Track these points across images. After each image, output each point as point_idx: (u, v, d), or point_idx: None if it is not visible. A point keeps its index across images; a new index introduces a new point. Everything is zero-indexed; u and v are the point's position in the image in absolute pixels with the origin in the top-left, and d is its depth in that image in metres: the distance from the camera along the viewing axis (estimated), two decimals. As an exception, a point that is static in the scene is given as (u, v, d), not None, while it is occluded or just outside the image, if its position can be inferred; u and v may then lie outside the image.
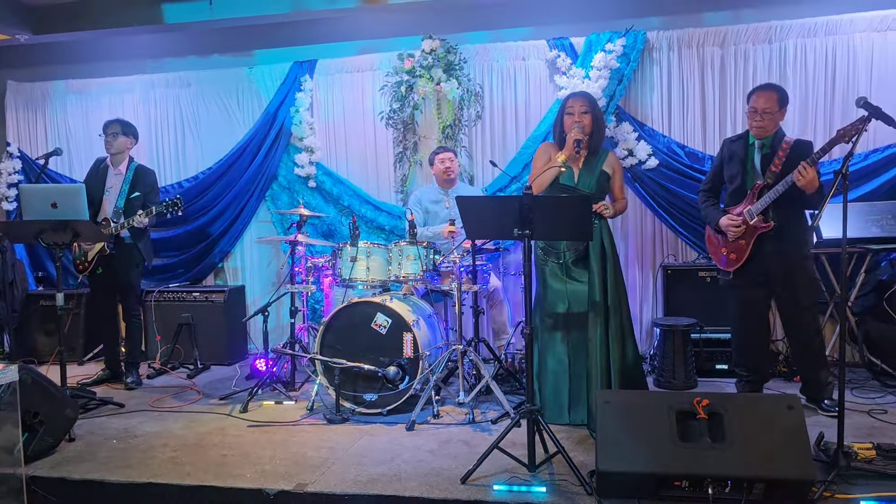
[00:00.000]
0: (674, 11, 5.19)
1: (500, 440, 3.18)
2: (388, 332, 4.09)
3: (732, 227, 3.90)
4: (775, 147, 3.88)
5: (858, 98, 3.35)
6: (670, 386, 4.51)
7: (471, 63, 5.36)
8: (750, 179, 3.94)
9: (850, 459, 3.02)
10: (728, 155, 4.05)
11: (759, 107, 3.86)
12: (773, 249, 3.86)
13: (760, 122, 3.86)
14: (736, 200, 3.99)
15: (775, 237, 3.84)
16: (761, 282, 3.95)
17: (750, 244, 3.89)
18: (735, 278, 3.98)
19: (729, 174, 4.04)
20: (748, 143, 3.99)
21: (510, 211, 3.03)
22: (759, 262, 3.89)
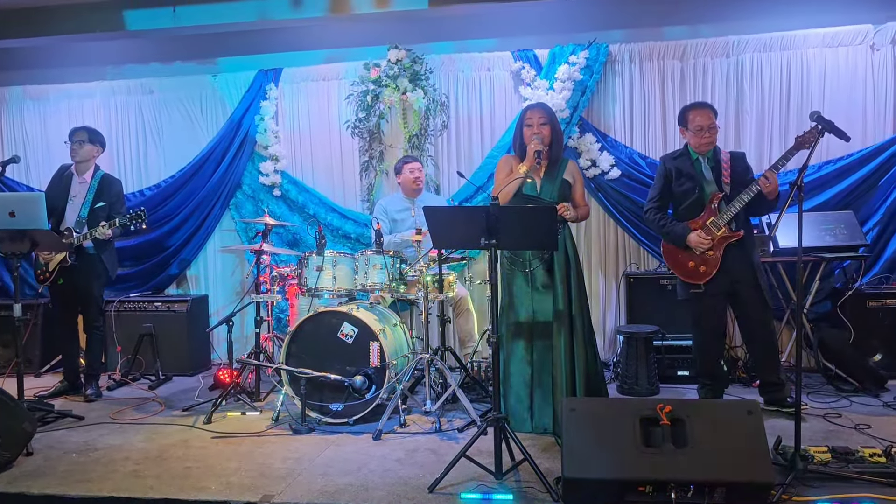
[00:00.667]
0: (635, 25, 5.31)
1: (467, 448, 3.20)
2: (355, 341, 4.09)
3: (703, 244, 3.99)
4: (717, 160, 4.05)
5: (812, 112, 3.47)
6: (634, 392, 4.58)
7: (437, 73, 5.39)
8: (707, 192, 4.04)
9: (806, 463, 3.10)
10: (675, 172, 4.12)
11: (706, 124, 3.99)
12: (737, 256, 3.97)
13: (710, 137, 4.00)
14: (692, 214, 4.07)
15: (737, 245, 3.96)
16: (726, 290, 4.04)
17: (720, 255, 3.97)
18: (706, 289, 4.03)
19: (681, 190, 4.10)
20: (692, 158, 4.09)
21: (477, 221, 3.06)
22: (725, 270, 3.98)
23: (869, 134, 5.09)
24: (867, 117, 5.09)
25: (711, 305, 4.07)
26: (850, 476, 3.06)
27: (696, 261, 4.04)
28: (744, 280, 3.99)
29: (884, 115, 5.07)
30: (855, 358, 4.60)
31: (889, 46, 5.01)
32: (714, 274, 3.99)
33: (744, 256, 4.00)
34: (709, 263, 4.00)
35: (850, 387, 4.51)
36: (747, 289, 4.01)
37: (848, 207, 5.00)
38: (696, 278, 4.05)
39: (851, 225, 4.83)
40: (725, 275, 3.99)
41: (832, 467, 3.12)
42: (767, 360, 4.10)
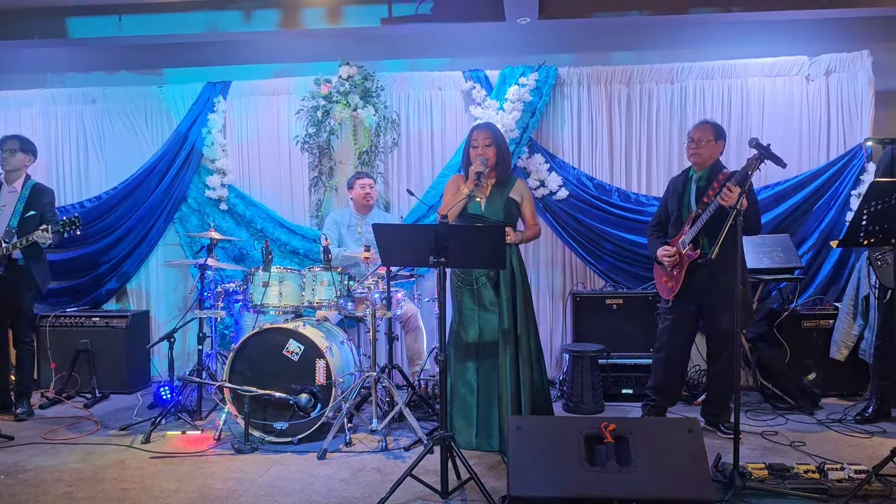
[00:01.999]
0: (584, 49, 5.42)
1: (412, 467, 3.18)
2: (301, 358, 4.04)
3: (666, 258, 4.08)
4: (711, 179, 4.03)
5: (751, 139, 3.58)
6: (579, 410, 4.63)
7: (388, 90, 5.40)
8: (685, 210, 4.12)
9: (745, 479, 3.17)
10: (671, 190, 4.23)
11: (695, 136, 4.08)
12: (704, 277, 3.98)
13: (696, 149, 4.06)
14: (676, 232, 4.16)
15: (706, 265, 3.92)
16: (694, 309, 4.10)
17: (682, 273, 4.04)
18: (673, 305, 4.11)
19: (670, 208, 4.21)
20: (688, 176, 4.18)
21: (426, 239, 3.07)
22: (692, 289, 4.04)
23: (804, 160, 5.29)
24: (802, 144, 5.29)
25: (676, 322, 4.13)
26: (786, 492, 3.15)
27: (666, 276, 4.14)
28: (709, 301, 4.02)
29: (818, 143, 5.28)
30: (790, 377, 4.74)
31: (823, 77, 5.23)
32: (679, 292, 4.06)
33: (713, 277, 3.96)
34: (674, 280, 4.08)
35: (786, 405, 4.64)
36: (712, 310, 4.03)
37: (785, 231, 5.17)
38: (666, 294, 4.16)
39: (787, 248, 4.99)
40: (692, 295, 4.05)
41: (769, 484, 3.20)
42: (719, 384, 4.15)
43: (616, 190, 5.35)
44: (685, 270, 4.01)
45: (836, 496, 3.09)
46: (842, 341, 4.79)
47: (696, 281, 4.00)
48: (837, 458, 3.63)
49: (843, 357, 4.80)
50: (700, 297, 4.03)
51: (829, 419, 4.39)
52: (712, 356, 4.19)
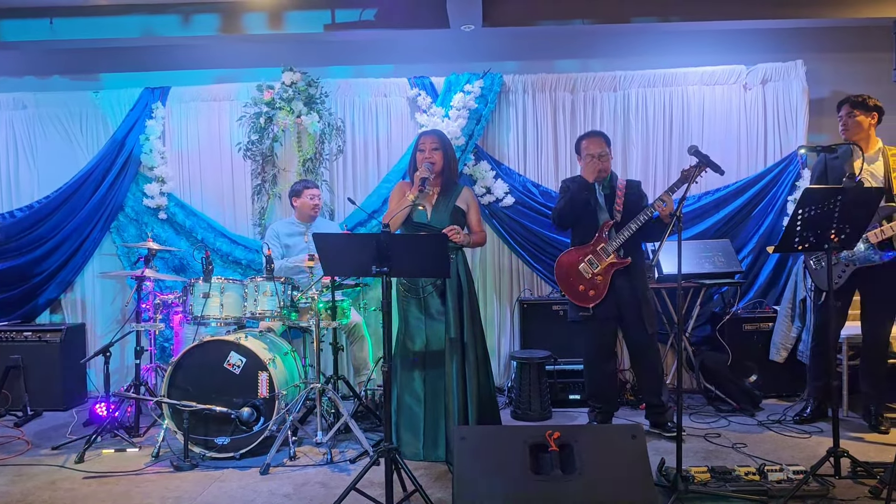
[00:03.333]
0: (528, 57, 5.45)
1: (357, 481, 3.11)
2: (243, 371, 3.94)
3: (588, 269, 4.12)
4: (613, 187, 4.16)
5: (690, 146, 3.65)
6: (527, 417, 4.63)
7: (332, 97, 5.34)
8: (598, 218, 4.17)
9: (687, 483, 3.20)
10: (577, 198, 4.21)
11: (596, 152, 4.13)
12: (624, 282, 4.10)
13: (602, 164, 4.13)
14: (585, 239, 4.19)
15: (625, 271, 4.09)
16: (614, 314, 4.16)
17: (608, 280, 4.09)
18: (594, 313, 4.14)
19: (577, 215, 4.23)
20: (588, 185, 4.19)
21: (368, 248, 3.02)
22: (613, 295, 4.10)
23: (743, 167, 5.41)
24: (741, 151, 5.42)
25: (600, 329, 4.19)
26: (727, 494, 3.19)
27: (585, 285, 4.15)
28: (630, 305, 4.13)
29: (755, 150, 5.41)
30: (732, 379, 4.83)
31: (760, 86, 5.36)
32: (602, 298, 4.11)
33: (631, 282, 4.13)
34: (597, 288, 4.12)
35: (729, 407, 4.72)
36: (633, 314, 4.14)
37: (725, 236, 5.28)
38: (585, 302, 4.16)
39: (728, 253, 5.09)
40: (613, 300, 4.11)
41: (711, 486, 3.24)
42: (651, 383, 4.23)
43: (562, 196, 5.38)
44: (610, 278, 4.06)
45: (776, 497, 3.14)
46: (781, 343, 4.91)
47: (616, 286, 4.08)
48: (777, 458, 3.70)
49: (782, 359, 4.91)
50: (619, 301, 4.10)
51: (769, 420, 4.47)
52: (637, 359, 4.27)
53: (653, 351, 4.22)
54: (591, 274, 4.13)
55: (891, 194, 4.06)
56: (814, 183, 4.38)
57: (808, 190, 3.22)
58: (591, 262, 4.14)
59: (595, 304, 4.13)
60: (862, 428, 4.27)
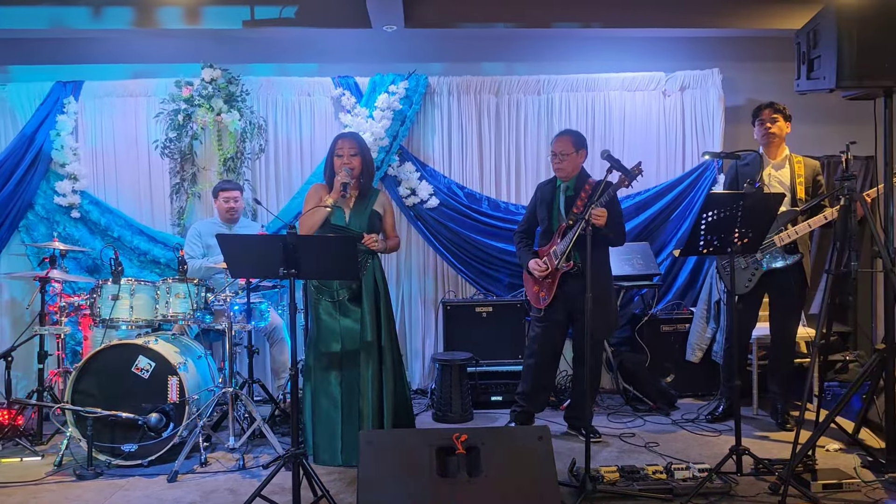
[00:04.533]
0: (454, 59, 5.45)
1: (261, 488, 3.06)
2: (152, 375, 3.82)
3: (538, 270, 4.12)
4: (579, 189, 4.10)
5: (602, 151, 3.71)
6: (448, 419, 4.63)
7: (254, 95, 5.23)
8: (556, 221, 4.17)
9: (595, 483, 3.25)
10: (540, 198, 4.27)
11: (557, 150, 4.14)
12: (575, 287, 4.00)
13: (559, 163, 4.13)
14: (546, 241, 4.21)
15: (576, 275, 3.99)
16: (564, 318, 4.16)
17: (555, 283, 4.09)
18: (544, 314, 4.15)
19: (540, 216, 4.25)
20: (556, 185, 4.23)
21: (274, 250, 2.97)
22: (563, 298, 4.09)
23: (662, 172, 5.53)
24: (661, 156, 5.53)
25: (547, 331, 4.18)
26: (634, 493, 3.24)
27: (538, 286, 4.18)
28: (578, 310, 4.04)
29: (674, 155, 5.53)
30: (649, 379, 4.93)
31: (678, 93, 5.49)
32: (551, 301, 4.11)
33: (580, 287, 3.91)
34: (546, 290, 4.13)
35: (646, 407, 4.82)
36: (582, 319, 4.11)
37: (645, 239, 5.38)
38: (537, 303, 4.19)
39: (647, 255, 5.19)
40: (563, 304, 4.10)
41: (620, 486, 3.29)
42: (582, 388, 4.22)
43: (486, 199, 5.40)
44: (557, 281, 4.09)
45: (681, 495, 3.22)
46: (696, 344, 5.03)
47: (567, 290, 4.07)
48: (687, 457, 3.79)
49: (697, 359, 5.03)
50: (570, 305, 4.09)
51: (683, 419, 4.58)
52: (579, 362, 4.29)
53: (594, 357, 4.20)
54: (543, 276, 4.15)
55: (795, 200, 4.22)
56: (727, 188, 4.50)
57: (711, 195, 3.31)
58: (543, 263, 4.14)
59: (545, 305, 4.14)
60: (770, 426, 4.41)
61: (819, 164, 4.36)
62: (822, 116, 5.21)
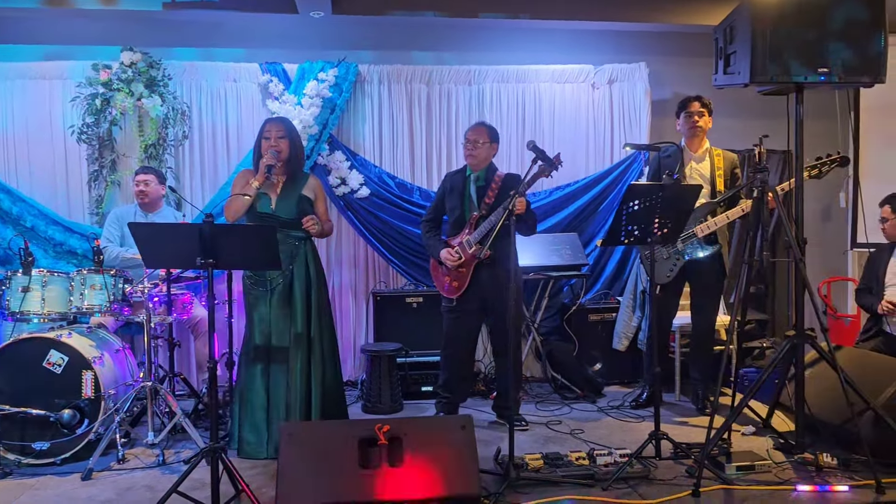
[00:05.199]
0: (384, 47, 5.39)
1: (179, 483, 2.97)
2: (64, 370, 3.67)
3: (451, 260, 4.10)
4: (489, 180, 4.16)
5: (528, 141, 3.74)
6: (377, 410, 4.60)
7: (177, 80, 5.06)
8: (467, 210, 4.18)
9: (520, 470, 3.28)
10: (449, 187, 4.27)
11: (471, 137, 4.17)
12: (489, 276, 4.09)
13: (472, 150, 4.15)
14: (456, 231, 4.20)
15: (490, 264, 4.07)
16: (477, 307, 4.18)
17: (469, 272, 4.10)
18: (457, 304, 4.17)
19: (450, 206, 4.25)
20: (466, 175, 4.24)
21: (190, 239, 2.88)
22: (476, 288, 4.12)
23: (591, 164, 5.60)
24: (589, 148, 5.61)
25: (462, 321, 4.20)
26: (557, 480, 3.29)
27: (450, 276, 4.17)
28: (495, 299, 4.13)
29: (603, 147, 5.61)
30: (577, 368, 5.02)
31: (606, 86, 5.57)
32: (464, 291, 4.12)
33: (497, 276, 4.07)
34: (460, 279, 4.14)
35: (574, 394, 4.90)
36: (495, 307, 4.16)
37: (575, 230, 5.45)
38: (450, 293, 4.19)
39: (575, 246, 5.26)
40: (476, 293, 4.12)
41: (543, 473, 3.33)
42: (506, 376, 4.25)
43: (418, 189, 5.37)
44: (472, 270, 4.10)
45: (602, 480, 3.28)
46: (623, 333, 5.14)
47: (480, 279, 4.10)
48: (610, 443, 3.87)
49: (623, 347, 5.14)
50: (483, 294, 4.12)
51: (608, 406, 4.68)
52: (499, 351, 4.32)
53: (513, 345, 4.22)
54: (456, 266, 4.15)
55: (715, 192, 4.34)
56: (650, 179, 4.60)
57: (632, 186, 3.36)
58: (456, 253, 4.15)
59: (457, 295, 4.15)
60: (690, 411, 4.54)
61: (737, 158, 4.49)
62: (744, 110, 5.36)
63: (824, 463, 3.36)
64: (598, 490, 3.21)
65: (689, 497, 3.12)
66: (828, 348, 3.42)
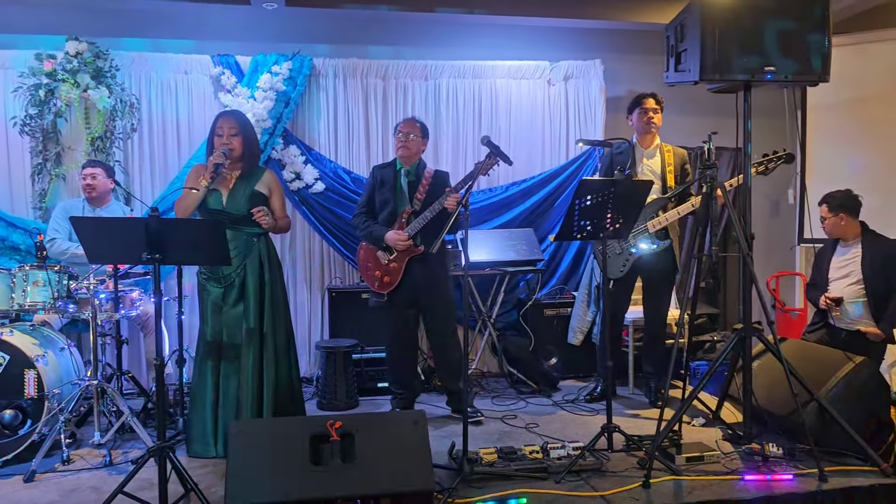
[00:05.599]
0: (340, 41, 5.34)
1: (125, 483, 2.90)
2: (6, 370, 3.57)
3: (401, 242, 4.08)
4: (419, 176, 4.20)
5: (483, 136, 3.74)
6: (332, 407, 4.57)
7: (126, 71, 4.94)
8: (400, 205, 4.19)
9: (473, 465, 3.29)
10: (379, 181, 4.26)
11: (404, 130, 4.19)
12: (421, 271, 4.14)
13: (405, 142, 4.16)
14: (387, 225, 4.19)
15: (422, 259, 4.11)
16: (412, 302, 4.20)
17: (402, 267, 4.11)
18: (389, 300, 4.17)
19: (381, 199, 4.24)
20: (396, 169, 4.23)
21: (136, 233, 2.80)
22: (409, 283, 4.13)
23: (547, 159, 5.64)
24: (545, 144, 5.64)
25: (398, 316, 4.22)
26: (511, 474, 3.30)
27: (381, 271, 4.17)
28: (428, 293, 4.17)
29: (559, 143, 5.66)
30: (533, 362, 5.04)
31: (563, 83, 5.61)
32: (397, 285, 4.13)
33: (429, 270, 4.16)
34: (391, 274, 4.14)
35: (529, 389, 4.92)
36: (432, 301, 4.20)
37: (531, 225, 5.48)
38: (381, 288, 4.19)
39: (531, 241, 5.29)
40: (409, 287, 4.15)
41: (497, 467, 3.34)
42: (450, 370, 4.31)
43: (374, 184, 5.34)
44: (404, 266, 4.10)
45: (555, 473, 3.30)
46: (577, 327, 5.19)
47: (413, 274, 4.13)
48: (564, 436, 3.90)
49: (578, 342, 5.19)
50: (416, 289, 4.16)
51: (563, 400, 4.71)
52: (436, 346, 4.36)
53: (451, 339, 4.28)
54: (388, 260, 4.16)
55: (666, 187, 4.40)
56: (603, 175, 4.64)
57: (584, 181, 3.39)
58: (387, 248, 4.15)
59: (389, 290, 4.15)
60: (643, 404, 4.61)
61: (687, 154, 4.56)
62: (695, 108, 5.45)
63: (770, 453, 3.43)
64: (551, 483, 3.22)
65: (639, 488, 3.16)
66: (774, 341, 3.50)
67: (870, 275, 4.14)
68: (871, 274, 4.14)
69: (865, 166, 5.37)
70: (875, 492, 3.15)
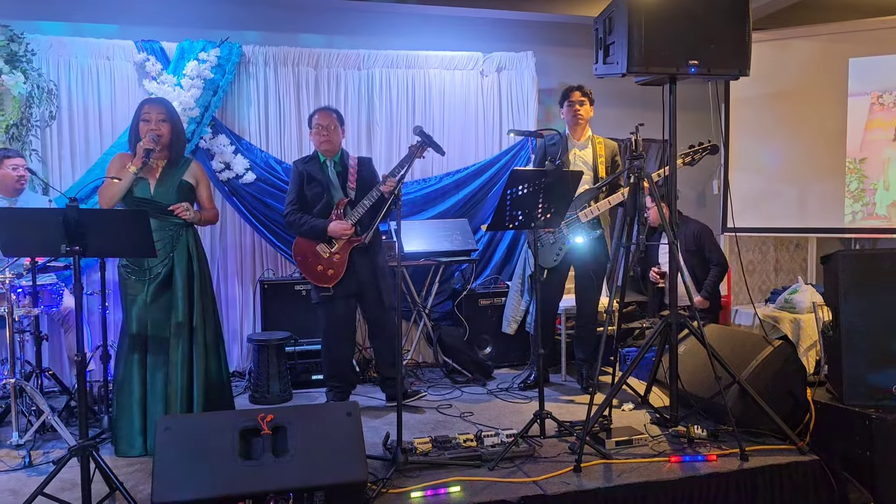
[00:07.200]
0: (270, 28, 5.24)
1: (45, 484, 2.81)
2: (-87, 369, 3.37)
3: (346, 231, 4.05)
4: (345, 165, 4.20)
5: (415, 126, 3.74)
6: (265, 401, 4.49)
7: (42, 56, 4.71)
8: (335, 197, 4.15)
9: (408, 454, 3.29)
10: (307, 176, 4.19)
11: (323, 123, 4.14)
12: (363, 259, 4.14)
13: (326, 135, 4.13)
14: (323, 218, 4.15)
15: (364, 249, 4.12)
16: (353, 292, 4.18)
17: (346, 258, 4.07)
18: (334, 292, 4.13)
19: (313, 194, 4.18)
20: (321, 162, 4.18)
21: (53, 225, 2.69)
22: (351, 273, 4.11)
23: (481, 150, 5.68)
24: (479, 135, 5.68)
25: (340, 308, 4.19)
26: (445, 462, 3.32)
27: (324, 264, 4.12)
28: (368, 282, 4.18)
29: (492, 134, 5.70)
30: (468, 352, 5.08)
31: (495, 74, 5.65)
32: (342, 277, 4.09)
33: (369, 260, 4.18)
34: (335, 266, 4.11)
35: (465, 378, 4.96)
36: (371, 290, 4.20)
37: (465, 216, 5.51)
38: (326, 281, 4.13)
39: (465, 232, 5.32)
40: (352, 277, 4.14)
41: (431, 456, 3.35)
42: (387, 355, 4.31)
43: (306, 174, 5.26)
44: (347, 256, 4.08)
45: (489, 460, 3.33)
46: (511, 317, 5.23)
47: (355, 265, 4.13)
48: (499, 424, 3.94)
49: (513, 331, 5.24)
50: (360, 279, 4.16)
51: (498, 389, 4.76)
52: (374, 333, 4.35)
53: (390, 324, 4.27)
54: (329, 253, 4.12)
55: (597, 178, 4.49)
56: (536, 165, 4.70)
57: (515, 171, 3.42)
58: (328, 241, 4.11)
59: (335, 283, 4.11)
60: (575, 391, 4.70)
61: (617, 145, 4.66)
62: (625, 100, 5.56)
63: (695, 435, 3.55)
64: (485, 470, 3.26)
65: (571, 473, 3.23)
66: (698, 326, 3.62)
67: (685, 255, 4.71)
68: (686, 254, 4.72)
69: (783, 158, 5.60)
70: (793, 468, 3.30)
